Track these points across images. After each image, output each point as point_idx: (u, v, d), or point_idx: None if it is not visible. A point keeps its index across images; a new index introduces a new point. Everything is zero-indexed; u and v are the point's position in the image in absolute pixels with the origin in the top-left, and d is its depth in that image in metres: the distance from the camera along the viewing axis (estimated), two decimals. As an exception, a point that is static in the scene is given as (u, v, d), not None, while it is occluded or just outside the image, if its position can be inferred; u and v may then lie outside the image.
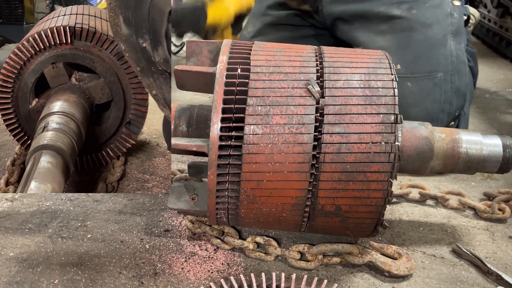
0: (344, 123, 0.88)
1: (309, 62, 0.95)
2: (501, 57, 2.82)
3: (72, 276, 1.01)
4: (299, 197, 0.90)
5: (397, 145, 0.88)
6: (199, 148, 0.92)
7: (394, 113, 0.89)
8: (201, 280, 1.01)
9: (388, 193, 0.90)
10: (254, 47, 0.99)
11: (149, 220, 1.21)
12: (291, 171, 0.88)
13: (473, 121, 1.90)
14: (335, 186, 0.89)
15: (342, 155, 0.88)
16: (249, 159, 0.88)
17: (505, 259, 1.10)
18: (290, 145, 0.88)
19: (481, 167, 1.01)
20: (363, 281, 1.02)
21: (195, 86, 1.01)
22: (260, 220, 0.96)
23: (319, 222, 0.95)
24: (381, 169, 0.88)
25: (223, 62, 0.93)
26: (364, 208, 0.91)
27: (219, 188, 0.91)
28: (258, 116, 0.88)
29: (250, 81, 0.91)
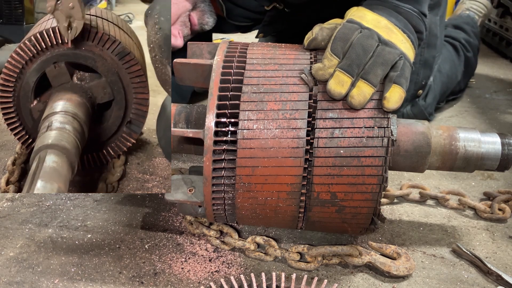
0: (337, 108, 0.90)
1: (304, 55, 0.98)
2: (501, 57, 2.82)
3: (72, 276, 1.02)
4: (294, 184, 0.91)
5: (390, 129, 0.89)
6: (195, 134, 0.93)
7: None
8: (201, 280, 1.01)
9: (383, 179, 0.90)
10: (251, 45, 1.03)
11: (149, 220, 1.21)
12: (285, 156, 0.89)
13: (473, 121, 1.90)
14: (330, 171, 0.90)
15: (336, 140, 0.89)
16: (244, 145, 0.90)
17: (505, 259, 1.10)
18: (284, 130, 0.89)
19: (480, 164, 1.01)
20: (363, 281, 1.03)
21: (193, 79, 1.03)
22: (256, 211, 0.97)
23: (316, 213, 0.96)
24: (375, 153, 0.89)
25: (220, 55, 0.98)
26: (360, 195, 0.92)
27: (215, 175, 0.92)
28: (253, 102, 0.91)
29: (246, 71, 0.94)
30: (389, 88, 0.90)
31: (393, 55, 0.92)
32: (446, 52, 1.91)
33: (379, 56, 0.91)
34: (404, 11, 1.01)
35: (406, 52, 0.96)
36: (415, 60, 1.26)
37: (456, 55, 1.96)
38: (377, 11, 0.99)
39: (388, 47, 0.93)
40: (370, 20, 0.97)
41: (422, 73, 1.70)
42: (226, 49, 1.00)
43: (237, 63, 0.96)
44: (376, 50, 0.92)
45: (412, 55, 0.99)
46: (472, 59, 2.05)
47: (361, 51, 0.91)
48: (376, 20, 0.97)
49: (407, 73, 0.93)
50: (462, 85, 2.08)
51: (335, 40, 0.93)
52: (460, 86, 2.06)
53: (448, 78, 1.87)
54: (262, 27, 1.70)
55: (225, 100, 0.92)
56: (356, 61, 0.90)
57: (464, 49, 1.99)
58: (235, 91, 0.93)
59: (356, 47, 0.91)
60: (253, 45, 1.03)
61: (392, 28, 0.97)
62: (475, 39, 2.09)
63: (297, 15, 1.59)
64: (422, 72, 1.70)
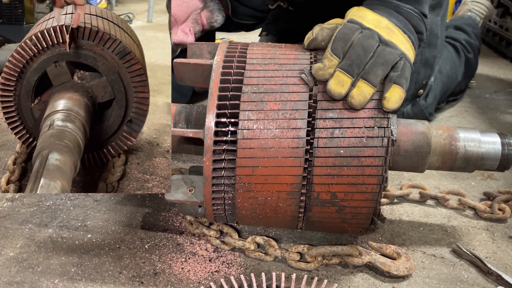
0: (337, 108, 0.90)
1: (304, 55, 0.98)
2: (501, 57, 2.82)
3: (72, 276, 1.02)
4: (294, 184, 0.91)
5: (390, 129, 0.89)
6: (195, 134, 0.93)
7: None
8: (201, 280, 1.01)
9: (383, 179, 0.90)
10: (251, 45, 1.03)
11: (149, 220, 1.21)
12: (285, 156, 0.89)
13: (473, 121, 1.90)
14: (330, 171, 0.90)
15: (336, 140, 0.89)
16: (244, 145, 0.90)
17: (505, 259, 1.10)
18: (284, 130, 0.89)
19: (480, 164, 1.01)
20: (363, 281, 1.03)
21: (193, 79, 1.03)
22: (256, 211, 0.97)
23: (316, 213, 0.96)
24: (375, 153, 0.89)
25: (220, 55, 0.98)
26: (360, 195, 0.92)
27: (215, 175, 0.92)
28: (253, 102, 0.91)
29: (246, 71, 0.95)
30: (389, 88, 0.90)
31: (394, 56, 0.92)
32: (447, 52, 1.91)
33: (380, 56, 0.91)
34: (405, 11, 1.01)
35: (406, 53, 0.96)
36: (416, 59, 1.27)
37: (457, 55, 1.96)
38: (377, 11, 0.99)
39: (389, 48, 0.93)
40: (371, 20, 0.97)
41: (423, 73, 1.71)
42: (226, 49, 1.00)
43: (237, 63, 0.96)
44: (377, 50, 0.92)
45: (412, 56, 0.99)
46: (472, 60, 2.05)
47: (361, 51, 0.91)
48: (377, 20, 0.97)
49: (407, 73, 0.93)
50: (462, 86, 2.08)
51: (336, 40, 0.93)
52: (461, 87, 2.07)
53: (448, 78, 1.87)
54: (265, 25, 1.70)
55: (225, 100, 0.92)
56: (356, 61, 0.90)
57: (464, 50, 2.00)
58: (235, 91, 0.93)
59: (357, 47, 0.91)
60: (253, 45, 1.03)
61: (392, 29, 0.97)
62: (476, 40, 2.09)
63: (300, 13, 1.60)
64: (422, 71, 1.70)
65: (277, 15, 1.63)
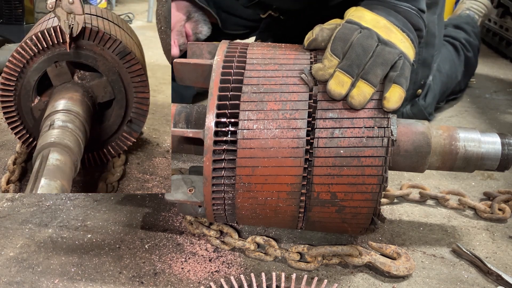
0: (337, 108, 0.90)
1: (304, 55, 0.98)
2: (501, 57, 2.82)
3: (72, 276, 1.02)
4: (294, 184, 0.91)
5: (390, 129, 0.89)
6: (195, 134, 0.93)
7: None
8: (201, 280, 1.01)
9: (383, 179, 0.90)
10: (251, 45, 1.03)
11: (149, 220, 1.21)
12: (285, 156, 0.89)
13: (473, 121, 1.90)
14: (330, 171, 0.90)
15: (336, 140, 0.89)
16: (244, 145, 0.90)
17: (505, 259, 1.10)
18: (284, 130, 0.89)
19: (480, 164, 1.01)
20: (363, 281, 1.03)
21: (193, 79, 1.03)
22: (256, 211, 0.97)
23: (316, 213, 0.96)
24: (375, 153, 0.89)
25: (220, 55, 0.98)
26: (360, 195, 0.92)
27: (215, 175, 0.92)
28: (253, 102, 0.91)
29: (246, 71, 0.95)
30: (389, 88, 0.90)
31: (393, 55, 0.92)
32: (446, 51, 1.91)
33: (379, 56, 0.91)
34: (403, 9, 1.01)
35: (405, 52, 0.96)
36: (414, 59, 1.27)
37: (456, 54, 1.96)
38: (376, 11, 0.99)
39: (388, 47, 0.93)
40: (369, 20, 0.97)
41: (421, 73, 1.70)
42: (226, 49, 1.00)
43: (237, 63, 0.96)
44: (376, 50, 0.92)
45: (412, 54, 0.99)
46: (472, 59, 2.05)
47: (361, 51, 0.91)
48: (375, 20, 0.97)
49: (407, 72, 0.93)
50: (462, 85, 2.08)
51: (335, 41, 0.93)
52: (460, 86, 2.06)
53: (448, 77, 1.87)
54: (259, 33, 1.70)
55: (225, 100, 0.92)
56: (356, 61, 0.90)
57: (464, 49, 1.99)
58: (235, 91, 0.93)
59: (356, 48, 0.91)
60: (253, 45, 1.03)
61: (391, 28, 0.97)
62: (475, 39, 2.09)
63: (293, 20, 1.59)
64: (420, 71, 1.70)
65: (270, 24, 1.62)
